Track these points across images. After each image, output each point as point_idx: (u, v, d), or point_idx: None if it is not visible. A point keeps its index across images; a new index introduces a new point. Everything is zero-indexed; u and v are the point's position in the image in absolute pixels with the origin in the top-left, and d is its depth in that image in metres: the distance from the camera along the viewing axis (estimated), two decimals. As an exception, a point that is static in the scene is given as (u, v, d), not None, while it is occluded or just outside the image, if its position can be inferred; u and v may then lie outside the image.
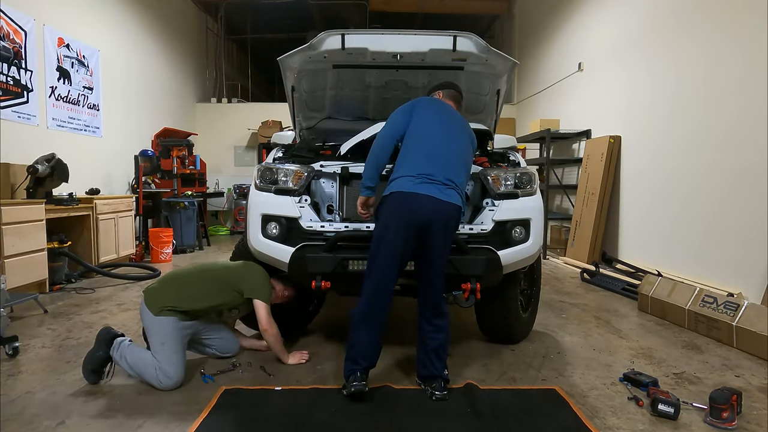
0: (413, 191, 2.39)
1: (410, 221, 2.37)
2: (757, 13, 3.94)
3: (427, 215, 2.37)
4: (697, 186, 4.61)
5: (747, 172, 4.02)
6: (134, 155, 7.15)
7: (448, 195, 2.43)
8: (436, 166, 2.45)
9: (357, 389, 2.33)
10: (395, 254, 2.39)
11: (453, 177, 2.48)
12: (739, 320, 3.26)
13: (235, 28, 11.90)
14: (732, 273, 4.16)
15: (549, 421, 2.24)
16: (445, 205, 2.41)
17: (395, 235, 2.37)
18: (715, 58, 4.40)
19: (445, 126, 2.60)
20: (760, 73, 3.89)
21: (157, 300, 2.62)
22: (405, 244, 2.40)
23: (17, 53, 5.22)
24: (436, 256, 2.44)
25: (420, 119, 2.58)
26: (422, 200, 2.38)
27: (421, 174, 2.42)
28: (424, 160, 2.46)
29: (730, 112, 4.22)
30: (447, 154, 2.52)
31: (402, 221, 2.38)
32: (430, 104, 2.69)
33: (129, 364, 2.56)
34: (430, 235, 2.40)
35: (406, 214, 2.38)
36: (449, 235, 2.47)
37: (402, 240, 2.38)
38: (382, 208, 2.47)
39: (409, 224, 2.37)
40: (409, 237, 2.39)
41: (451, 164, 2.51)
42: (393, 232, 2.38)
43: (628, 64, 5.82)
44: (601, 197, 6.08)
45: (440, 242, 2.43)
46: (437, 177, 2.43)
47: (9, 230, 4.11)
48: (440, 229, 2.41)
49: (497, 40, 11.06)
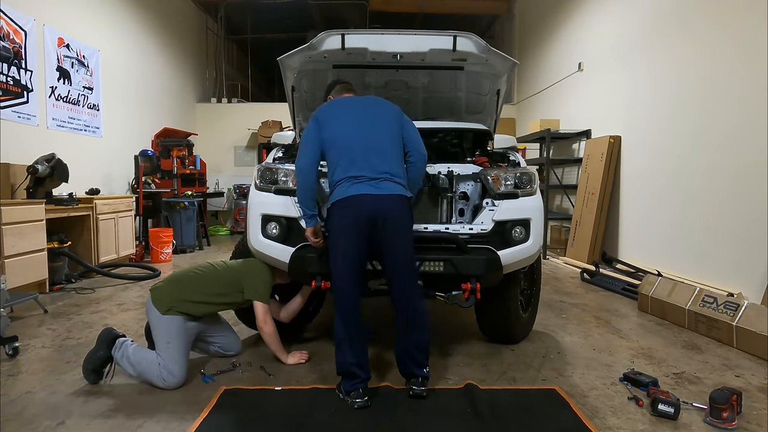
0: (347, 195, 2.37)
1: (355, 224, 2.35)
2: (756, 13, 3.94)
3: (366, 213, 2.34)
4: (697, 186, 4.61)
5: (747, 172, 4.02)
6: (134, 155, 7.15)
7: (383, 188, 2.38)
8: (360, 164, 2.41)
9: (360, 405, 2.32)
10: (353, 264, 2.38)
11: (384, 168, 2.42)
12: (739, 320, 3.26)
13: (235, 28, 11.90)
14: (732, 273, 4.16)
15: (549, 421, 2.24)
16: (382, 199, 2.36)
17: (346, 245, 2.36)
18: (715, 58, 4.40)
19: (356, 121, 2.54)
20: (759, 72, 3.89)
21: (163, 299, 2.63)
22: (359, 250, 2.38)
23: (17, 53, 5.22)
24: (393, 250, 2.40)
25: (329, 127, 2.52)
26: (359, 200, 2.35)
27: (349, 177, 2.40)
28: (347, 163, 2.43)
29: (730, 111, 4.22)
30: (369, 149, 2.45)
31: (348, 228, 2.36)
32: (331, 108, 2.64)
33: (131, 363, 2.56)
34: (380, 232, 2.36)
35: (349, 219, 2.35)
36: (400, 226, 2.41)
37: (355, 247, 2.36)
38: (327, 223, 2.48)
39: (354, 228, 2.35)
40: (360, 241, 2.36)
41: (378, 155, 2.45)
42: (343, 242, 2.37)
43: (628, 64, 5.82)
44: (601, 197, 6.08)
45: (393, 236, 2.38)
46: (365, 174, 2.39)
47: (9, 230, 4.11)
48: (387, 222, 2.36)
49: (497, 40, 11.06)
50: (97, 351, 2.60)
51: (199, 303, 2.68)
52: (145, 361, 2.54)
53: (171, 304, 2.61)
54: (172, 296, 2.64)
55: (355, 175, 2.40)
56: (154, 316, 2.63)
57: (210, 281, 2.77)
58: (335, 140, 2.49)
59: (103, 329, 2.71)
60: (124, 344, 2.61)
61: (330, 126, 2.52)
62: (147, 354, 2.58)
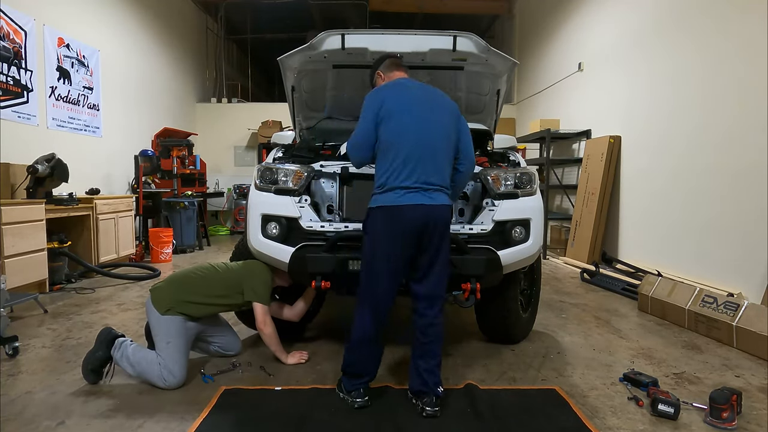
0: (399, 204, 2.28)
1: (403, 233, 2.28)
2: (756, 13, 3.94)
3: (419, 223, 2.28)
4: (697, 186, 4.61)
5: (747, 172, 4.02)
6: (134, 155, 7.15)
7: (435, 198, 2.32)
8: (417, 171, 2.30)
9: (361, 405, 2.32)
10: (395, 269, 2.32)
11: (436, 178, 2.35)
12: (739, 320, 3.26)
13: (235, 28, 11.90)
14: (732, 273, 4.16)
15: (549, 421, 2.24)
16: (434, 209, 2.31)
17: (392, 249, 2.30)
18: (715, 57, 4.40)
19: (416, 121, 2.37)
20: (759, 72, 3.89)
21: (163, 299, 2.63)
22: (403, 256, 2.32)
23: (17, 53, 5.22)
24: (436, 263, 2.35)
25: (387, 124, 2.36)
26: (411, 210, 2.28)
27: (403, 186, 2.29)
28: (404, 167, 2.30)
29: (730, 111, 4.22)
30: (426, 156, 2.33)
31: (394, 235, 2.29)
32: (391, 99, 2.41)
33: (131, 363, 2.56)
34: (426, 243, 2.31)
35: (398, 227, 2.28)
36: (445, 239, 2.36)
37: (400, 253, 2.30)
38: (369, 223, 2.37)
39: (402, 236, 2.28)
40: (405, 250, 2.30)
41: (434, 163, 2.35)
42: (387, 248, 2.30)
43: (628, 64, 5.82)
44: (601, 197, 6.08)
45: (437, 246, 2.33)
46: (420, 183, 2.30)
47: (9, 230, 4.11)
48: (434, 234, 2.31)
49: (497, 40, 11.06)
50: (97, 351, 2.60)
51: (198, 304, 2.68)
52: (145, 361, 2.54)
53: (171, 305, 2.61)
54: (172, 297, 2.64)
55: (410, 185, 2.29)
56: (153, 317, 2.63)
57: (210, 282, 2.77)
58: (392, 141, 2.34)
59: (102, 329, 2.71)
60: (123, 344, 2.61)
61: (388, 124, 2.35)
62: (147, 354, 2.58)
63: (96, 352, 2.60)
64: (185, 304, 2.64)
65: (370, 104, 2.42)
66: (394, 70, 2.61)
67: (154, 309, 2.62)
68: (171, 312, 2.60)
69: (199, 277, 2.80)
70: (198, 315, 2.70)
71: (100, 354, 2.59)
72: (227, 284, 2.78)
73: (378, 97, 2.42)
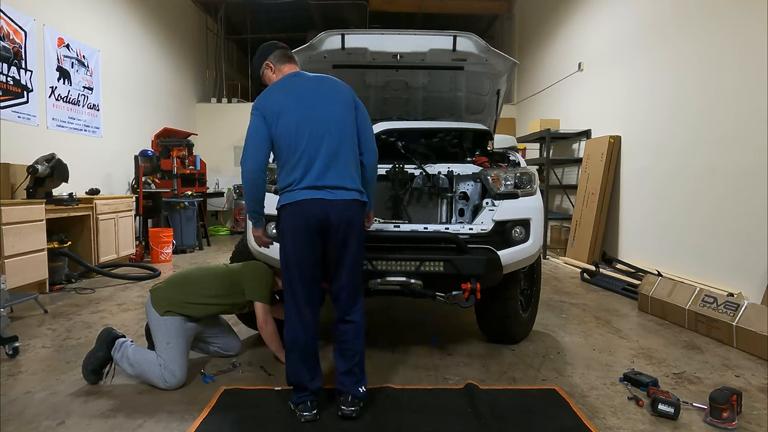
0: (304, 198, 2.19)
1: (309, 226, 2.19)
2: (756, 13, 3.94)
3: (322, 217, 2.19)
4: (697, 186, 4.61)
5: (747, 172, 4.02)
6: (134, 155, 7.16)
7: (338, 194, 2.22)
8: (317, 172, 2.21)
9: (308, 419, 2.19)
10: (306, 270, 2.23)
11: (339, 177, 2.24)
12: (739, 320, 3.26)
13: (235, 28, 11.90)
14: (732, 273, 4.16)
15: (549, 421, 2.24)
16: (339, 204, 2.21)
17: (301, 248, 2.20)
18: (715, 57, 4.40)
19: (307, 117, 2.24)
20: (759, 72, 3.89)
21: (163, 300, 2.63)
22: (313, 254, 2.22)
23: (17, 53, 5.22)
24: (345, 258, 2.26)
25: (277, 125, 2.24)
26: (315, 204, 2.19)
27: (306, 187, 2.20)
28: (302, 169, 2.21)
29: (730, 111, 4.22)
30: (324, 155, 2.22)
31: (302, 229, 2.19)
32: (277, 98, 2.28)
33: (131, 363, 2.56)
34: (334, 239, 2.23)
35: (305, 221, 2.19)
36: (352, 233, 2.25)
37: (309, 251, 2.21)
38: (280, 222, 2.27)
39: (309, 230, 2.19)
40: (314, 243, 2.22)
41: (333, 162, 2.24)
42: (297, 245, 2.20)
43: (628, 63, 5.82)
44: (601, 197, 6.08)
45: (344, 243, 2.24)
46: (321, 183, 2.21)
47: (9, 230, 4.11)
48: (340, 229, 2.22)
49: (497, 40, 11.06)
50: (97, 351, 2.60)
51: (198, 304, 2.68)
52: (145, 361, 2.54)
53: (170, 306, 2.61)
54: (172, 298, 2.65)
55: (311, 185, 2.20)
56: (153, 317, 2.63)
57: (210, 283, 2.76)
58: (286, 142, 2.24)
59: (102, 329, 2.70)
60: (123, 345, 2.61)
61: (278, 124, 2.24)
62: (147, 354, 2.58)
63: (96, 352, 2.60)
64: (185, 305, 2.64)
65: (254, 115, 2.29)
66: (285, 63, 2.44)
67: (153, 310, 2.62)
68: (170, 313, 2.60)
69: (198, 278, 2.80)
70: (198, 316, 2.69)
71: (100, 354, 2.59)
72: (228, 284, 2.77)
73: (258, 106, 2.29)
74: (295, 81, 2.35)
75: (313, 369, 2.28)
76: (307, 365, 2.26)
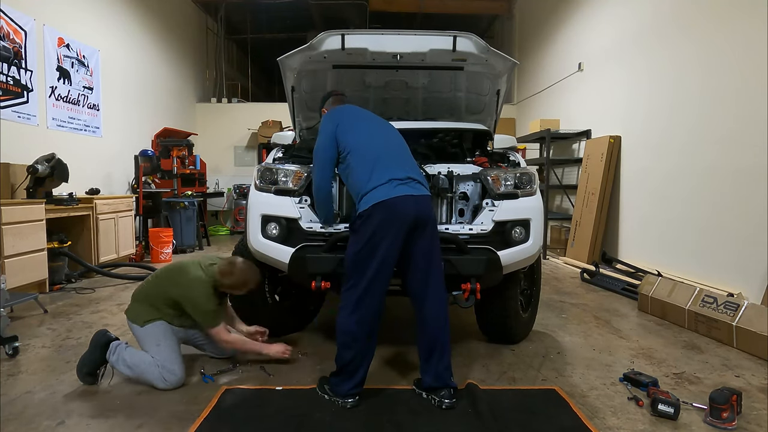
0: (392, 196, 2.33)
1: (399, 227, 2.31)
2: (756, 13, 3.94)
3: (412, 215, 2.33)
4: (697, 186, 4.61)
5: (747, 172, 4.02)
6: (134, 155, 7.16)
7: (420, 189, 2.44)
8: (397, 169, 2.44)
9: (353, 405, 2.33)
10: (387, 267, 2.34)
11: (414, 174, 2.49)
12: (739, 320, 3.26)
13: (235, 28, 11.90)
14: (732, 273, 4.16)
15: (549, 421, 2.24)
16: (423, 200, 2.41)
17: (386, 247, 2.31)
18: (715, 57, 4.40)
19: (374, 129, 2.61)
20: (759, 72, 3.89)
21: (138, 315, 2.65)
22: (394, 254, 2.34)
23: (17, 53, 5.22)
24: (428, 254, 2.40)
25: (349, 138, 2.53)
26: (404, 201, 2.34)
27: (391, 179, 2.38)
28: (384, 167, 2.42)
29: (730, 111, 4.22)
30: (398, 155, 2.54)
31: (390, 230, 2.31)
32: (343, 118, 2.63)
33: (128, 365, 2.55)
34: (421, 234, 2.37)
35: (394, 221, 2.31)
36: (436, 228, 2.47)
37: (393, 250, 2.33)
38: (364, 223, 2.36)
39: (397, 230, 2.31)
40: (397, 244, 2.34)
41: (407, 161, 2.54)
42: (384, 244, 2.30)
43: (628, 64, 5.82)
44: (601, 197, 6.08)
45: (429, 239, 2.40)
46: (403, 176, 2.41)
47: (9, 230, 4.11)
48: (427, 224, 2.39)
49: (497, 40, 11.05)
50: (92, 354, 2.60)
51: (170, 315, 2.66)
52: (143, 363, 2.54)
53: (147, 315, 2.62)
54: (144, 311, 2.64)
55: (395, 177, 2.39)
56: (136, 332, 2.65)
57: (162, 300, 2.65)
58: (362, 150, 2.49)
59: (96, 332, 2.70)
60: (118, 348, 2.60)
61: (349, 137, 2.53)
62: (144, 356, 2.57)
63: (91, 355, 2.59)
64: (157, 310, 2.63)
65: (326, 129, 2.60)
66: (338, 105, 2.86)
67: (134, 326, 2.64)
68: (150, 321, 2.61)
69: (153, 286, 2.73)
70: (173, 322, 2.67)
71: (95, 357, 2.59)
72: (174, 302, 2.64)
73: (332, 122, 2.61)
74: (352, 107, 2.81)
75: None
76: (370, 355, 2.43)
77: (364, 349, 2.38)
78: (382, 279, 2.35)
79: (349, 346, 2.36)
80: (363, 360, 2.39)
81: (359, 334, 2.35)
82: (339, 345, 2.39)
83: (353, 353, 2.36)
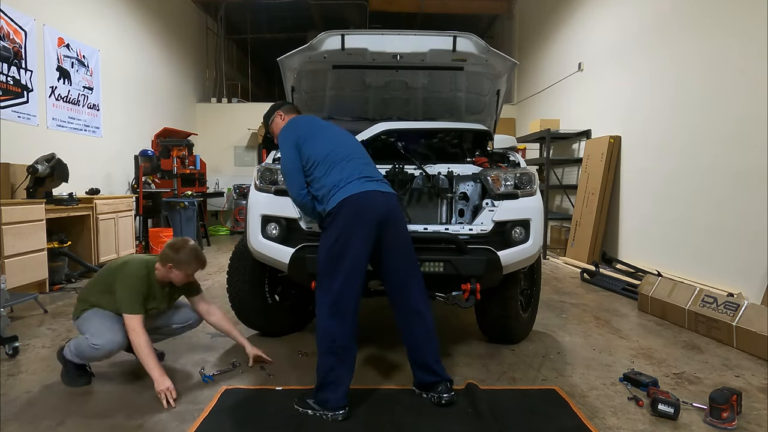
0: (362, 190, 2.32)
1: (369, 221, 2.28)
2: (757, 13, 3.93)
3: (382, 209, 2.32)
4: (697, 186, 4.61)
5: (747, 172, 4.02)
6: (134, 155, 7.16)
7: (388, 188, 2.45)
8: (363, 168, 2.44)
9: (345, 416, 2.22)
10: (361, 263, 2.28)
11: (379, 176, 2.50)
12: (739, 320, 3.27)
13: (235, 28, 11.90)
14: (732, 273, 4.16)
15: (549, 421, 2.24)
16: (392, 197, 2.42)
17: (359, 242, 2.26)
18: (716, 57, 4.40)
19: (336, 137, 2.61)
20: (760, 72, 3.88)
21: (75, 310, 2.65)
22: (367, 250, 2.29)
23: (17, 53, 5.22)
24: (405, 248, 2.40)
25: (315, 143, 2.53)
26: (373, 196, 2.33)
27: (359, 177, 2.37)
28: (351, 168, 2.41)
29: (731, 111, 4.22)
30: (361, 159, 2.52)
31: (361, 224, 2.27)
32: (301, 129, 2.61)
33: (71, 351, 2.53)
34: (393, 230, 2.35)
35: (364, 215, 2.28)
36: (405, 224, 2.49)
37: (365, 245, 2.28)
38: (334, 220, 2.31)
39: (368, 225, 2.28)
40: (370, 240, 2.29)
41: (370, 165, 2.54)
42: (355, 239, 2.26)
43: (628, 63, 5.82)
44: (601, 197, 6.08)
45: (403, 233, 2.42)
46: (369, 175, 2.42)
47: (9, 230, 4.11)
48: (398, 219, 2.40)
49: (497, 40, 11.06)
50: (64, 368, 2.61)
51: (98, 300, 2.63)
52: (80, 344, 2.51)
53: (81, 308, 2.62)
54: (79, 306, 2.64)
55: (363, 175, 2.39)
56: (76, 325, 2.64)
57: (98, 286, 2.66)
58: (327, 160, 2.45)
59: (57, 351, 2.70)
60: (66, 344, 2.61)
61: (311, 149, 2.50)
62: (80, 338, 2.54)
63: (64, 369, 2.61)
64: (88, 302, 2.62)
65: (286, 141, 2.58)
66: (292, 113, 2.86)
67: (74, 322, 2.65)
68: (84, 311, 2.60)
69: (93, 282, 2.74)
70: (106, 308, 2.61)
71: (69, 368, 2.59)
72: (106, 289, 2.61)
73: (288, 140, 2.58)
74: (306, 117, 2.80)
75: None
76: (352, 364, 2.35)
77: (345, 354, 2.27)
78: (356, 276, 2.28)
79: (332, 351, 2.25)
80: (346, 367, 2.28)
81: (339, 336, 2.25)
82: (320, 351, 2.28)
83: (335, 359, 2.25)
